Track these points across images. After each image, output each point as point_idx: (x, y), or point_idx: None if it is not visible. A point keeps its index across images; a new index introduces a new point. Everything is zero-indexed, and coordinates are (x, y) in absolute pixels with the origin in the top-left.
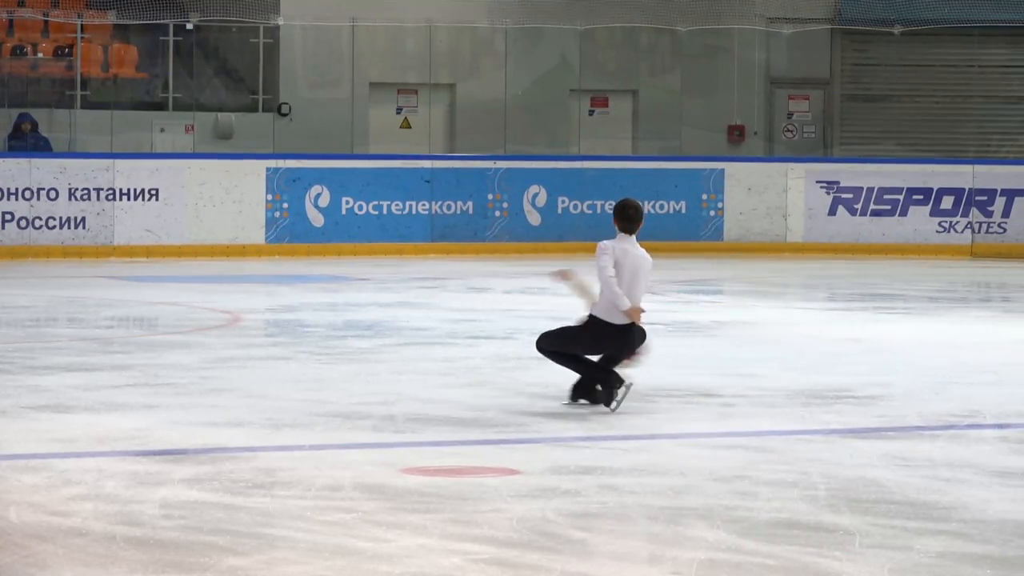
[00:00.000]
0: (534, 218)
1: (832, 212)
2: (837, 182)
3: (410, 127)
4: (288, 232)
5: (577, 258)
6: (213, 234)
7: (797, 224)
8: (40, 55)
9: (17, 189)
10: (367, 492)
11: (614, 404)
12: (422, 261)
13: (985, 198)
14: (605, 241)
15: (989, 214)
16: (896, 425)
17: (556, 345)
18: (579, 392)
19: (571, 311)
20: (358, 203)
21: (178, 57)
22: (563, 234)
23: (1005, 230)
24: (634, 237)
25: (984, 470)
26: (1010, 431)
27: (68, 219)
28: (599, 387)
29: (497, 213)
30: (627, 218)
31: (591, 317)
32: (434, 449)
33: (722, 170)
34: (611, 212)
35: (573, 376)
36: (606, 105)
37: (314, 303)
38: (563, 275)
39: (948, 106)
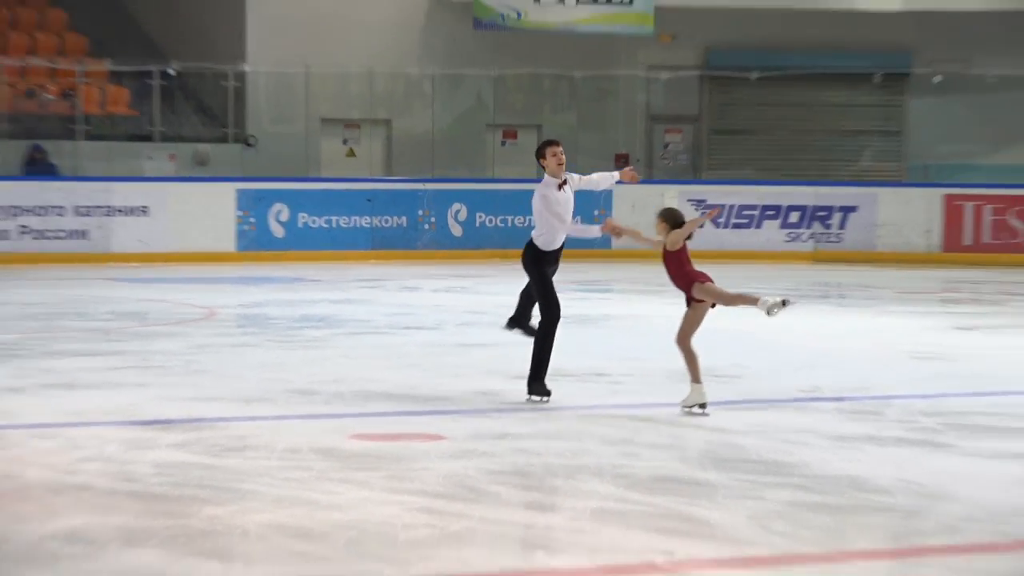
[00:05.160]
0: (457, 230)
1: (700, 225)
2: (705, 200)
3: (354, 155)
4: (254, 242)
5: (493, 263)
6: (193, 244)
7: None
8: (49, 96)
9: (31, 207)
10: (321, 454)
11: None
12: (364, 266)
13: (825, 213)
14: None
15: (828, 227)
16: (753, 398)
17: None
18: (514, 324)
19: (487, 307)
20: (312, 218)
21: (163, 97)
22: (481, 243)
23: (841, 240)
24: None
25: (823, 435)
26: (845, 403)
27: (73, 231)
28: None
29: (426, 226)
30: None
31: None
32: (375, 419)
33: (610, 190)
34: (520, 226)
35: (492, 360)
36: (515, 137)
37: (276, 300)
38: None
39: (796, 138)
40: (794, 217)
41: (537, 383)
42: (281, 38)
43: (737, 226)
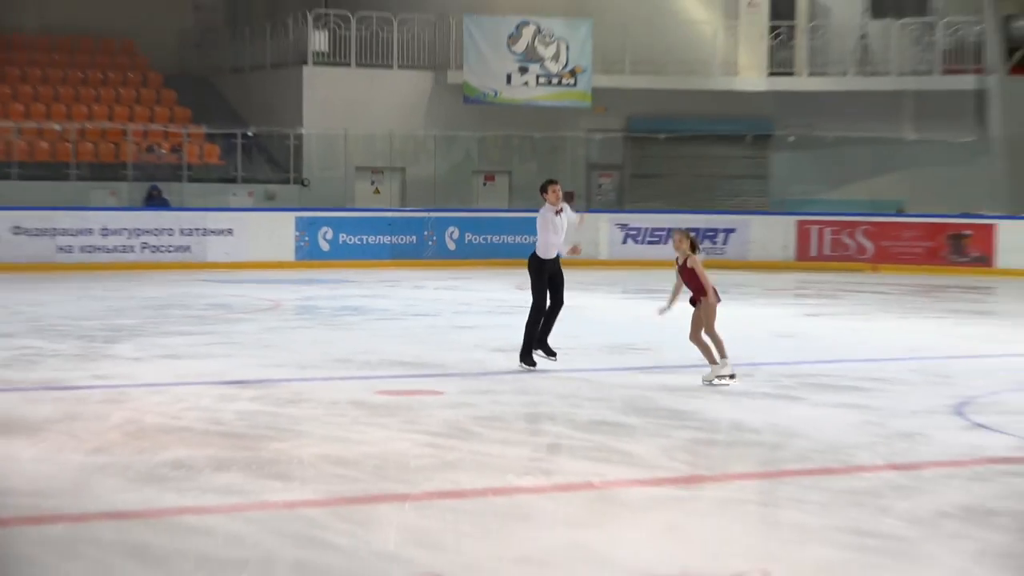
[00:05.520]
0: (451, 246)
1: (624, 242)
2: (627, 224)
3: (379, 193)
4: (308, 255)
5: (478, 270)
6: (264, 256)
7: (604, 249)
8: (163, 151)
9: (149, 229)
10: (354, 406)
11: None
12: (386, 271)
13: (713, 233)
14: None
15: (715, 243)
16: (664, 365)
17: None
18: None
19: (474, 300)
20: (349, 237)
21: (243, 152)
22: (469, 255)
23: (724, 252)
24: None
25: (717, 391)
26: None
27: (179, 246)
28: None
29: (430, 243)
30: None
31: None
32: (394, 380)
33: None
34: (498, 243)
35: (478, 339)
36: (493, 180)
37: (323, 296)
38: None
39: (692, 181)
40: None
41: (527, 356)
42: (328, 110)
43: (651, 242)
